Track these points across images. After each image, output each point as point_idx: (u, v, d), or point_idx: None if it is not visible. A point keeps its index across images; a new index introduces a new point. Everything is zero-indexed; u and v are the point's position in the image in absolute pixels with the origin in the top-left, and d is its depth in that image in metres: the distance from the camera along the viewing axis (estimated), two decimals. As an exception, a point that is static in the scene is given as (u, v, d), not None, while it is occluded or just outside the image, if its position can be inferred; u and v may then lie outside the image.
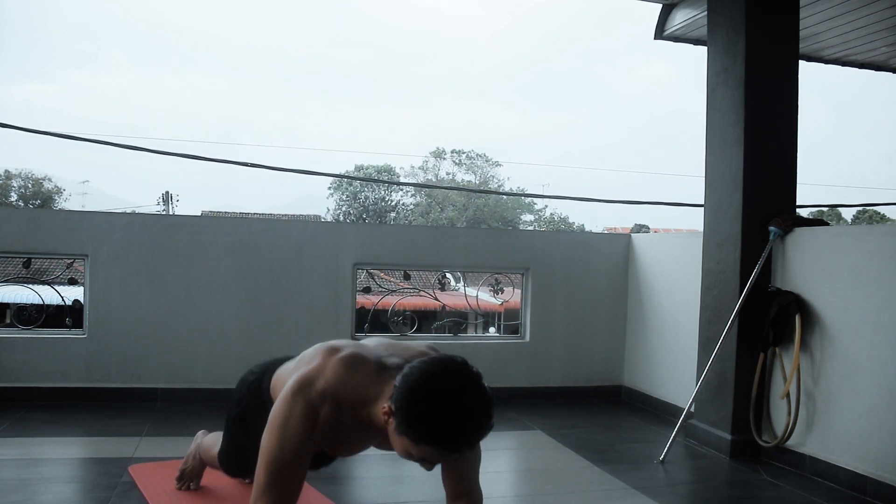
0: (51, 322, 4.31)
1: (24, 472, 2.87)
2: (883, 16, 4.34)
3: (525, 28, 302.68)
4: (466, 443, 1.50)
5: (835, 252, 3.17)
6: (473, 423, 1.48)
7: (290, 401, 1.59)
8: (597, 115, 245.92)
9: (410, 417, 1.47)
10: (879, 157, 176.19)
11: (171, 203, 27.31)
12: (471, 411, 1.48)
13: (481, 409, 1.49)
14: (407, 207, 35.36)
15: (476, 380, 1.51)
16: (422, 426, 1.46)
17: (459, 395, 1.47)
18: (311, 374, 1.62)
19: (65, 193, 34.38)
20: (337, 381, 1.60)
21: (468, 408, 1.47)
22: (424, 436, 1.46)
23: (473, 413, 1.48)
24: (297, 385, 1.61)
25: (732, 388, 3.49)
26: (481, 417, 1.50)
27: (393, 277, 8.07)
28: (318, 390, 1.59)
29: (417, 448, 1.49)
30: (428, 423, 1.45)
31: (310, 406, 1.58)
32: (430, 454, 1.50)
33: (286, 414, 1.58)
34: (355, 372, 1.62)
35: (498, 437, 3.84)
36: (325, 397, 1.59)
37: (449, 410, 1.45)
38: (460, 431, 1.47)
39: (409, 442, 1.50)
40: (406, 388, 1.49)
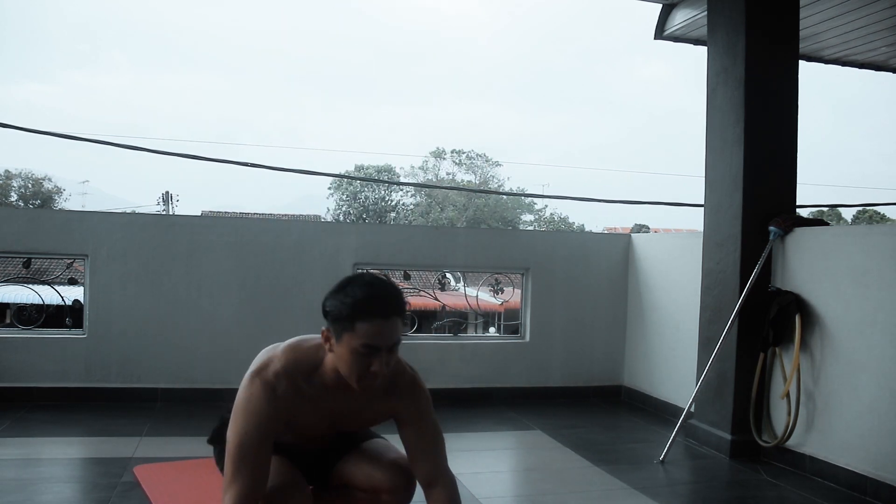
0: (51, 322, 4.31)
1: (24, 472, 2.87)
2: (883, 16, 4.34)
3: (525, 28, 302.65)
4: (386, 301, 1.65)
5: (835, 252, 3.17)
6: (385, 287, 1.68)
7: (248, 385, 1.71)
8: (597, 115, 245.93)
9: (335, 311, 1.65)
10: (879, 157, 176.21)
11: (171, 203, 27.31)
12: (379, 281, 1.69)
13: (388, 282, 1.72)
14: (407, 207, 35.36)
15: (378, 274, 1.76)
16: (345, 307, 1.63)
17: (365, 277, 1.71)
18: (264, 362, 1.75)
19: (65, 193, 34.39)
20: (287, 359, 1.74)
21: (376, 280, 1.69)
22: (352, 311, 1.62)
23: (381, 281, 1.69)
24: (252, 373, 1.73)
25: (732, 388, 3.49)
26: (391, 285, 1.70)
27: (393, 277, 8.07)
28: (273, 371, 1.72)
29: (355, 336, 1.62)
30: (349, 300, 1.63)
31: (267, 385, 1.70)
32: (369, 332, 1.61)
33: (246, 397, 1.70)
34: (300, 348, 1.77)
35: (498, 437, 3.86)
36: (279, 376, 1.71)
37: (361, 286, 1.66)
38: (377, 293, 1.65)
39: (347, 337, 1.63)
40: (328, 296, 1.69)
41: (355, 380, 1.67)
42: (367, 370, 1.65)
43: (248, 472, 1.66)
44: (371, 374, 1.65)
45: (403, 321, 1.69)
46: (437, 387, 4.71)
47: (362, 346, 1.63)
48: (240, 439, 1.67)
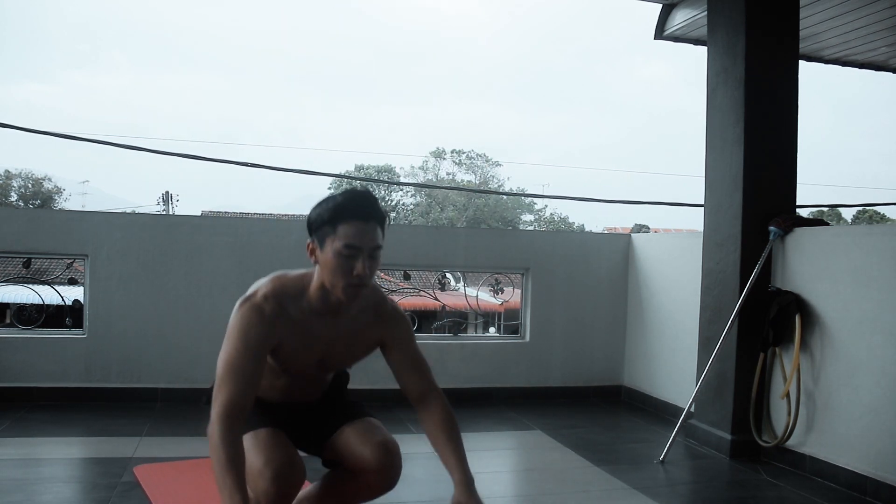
0: (51, 322, 4.31)
1: (24, 472, 2.87)
2: (883, 16, 4.34)
3: (525, 28, 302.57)
4: (365, 205, 1.73)
5: (835, 252, 3.17)
6: (364, 194, 1.77)
7: (236, 312, 1.78)
8: (597, 115, 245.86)
9: (318, 217, 1.74)
10: (879, 157, 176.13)
11: (171, 203, 27.31)
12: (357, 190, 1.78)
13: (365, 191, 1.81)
14: (407, 207, 35.35)
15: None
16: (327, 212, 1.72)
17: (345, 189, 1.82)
18: (251, 292, 1.82)
19: (65, 193, 34.37)
20: (274, 285, 1.80)
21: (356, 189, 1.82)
22: (334, 215, 1.70)
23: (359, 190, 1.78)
24: (240, 301, 1.80)
25: (732, 388, 3.49)
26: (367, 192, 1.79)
27: (393, 277, 8.07)
28: (260, 294, 1.78)
29: (338, 238, 1.69)
30: (331, 206, 1.72)
31: (255, 306, 1.76)
32: (350, 234, 1.69)
33: (235, 321, 1.76)
34: (286, 276, 1.84)
35: (498, 437, 3.86)
36: (267, 298, 1.77)
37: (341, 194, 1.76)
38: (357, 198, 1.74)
39: (330, 241, 1.71)
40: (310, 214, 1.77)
41: (340, 287, 1.72)
42: (350, 273, 1.71)
43: (235, 382, 1.70)
44: (355, 277, 1.71)
45: (382, 229, 1.76)
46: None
47: (345, 248, 1.69)
48: (228, 356, 1.72)
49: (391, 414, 3.97)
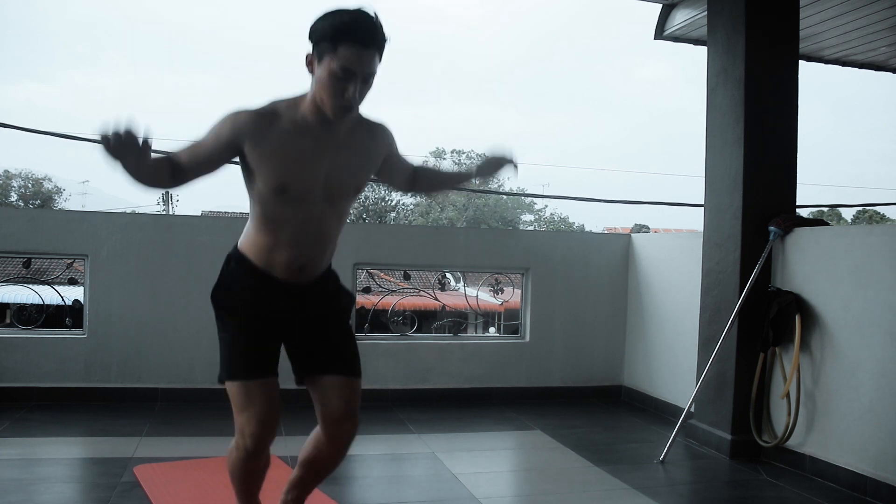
0: (51, 322, 4.31)
1: (24, 472, 2.87)
2: (883, 16, 4.34)
3: (525, 27, 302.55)
4: (369, 30, 1.73)
5: (835, 252, 3.17)
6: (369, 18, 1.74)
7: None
8: (597, 115, 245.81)
9: (318, 32, 1.73)
10: (879, 157, 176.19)
11: (171, 203, 27.30)
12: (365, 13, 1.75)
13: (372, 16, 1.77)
14: (407, 207, 35.34)
15: None
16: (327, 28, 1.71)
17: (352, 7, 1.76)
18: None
19: (65, 193, 34.35)
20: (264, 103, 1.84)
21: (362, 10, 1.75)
22: (336, 33, 1.70)
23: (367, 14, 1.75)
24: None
25: (732, 388, 3.49)
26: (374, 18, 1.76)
27: (393, 277, 8.07)
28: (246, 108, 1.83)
29: (335, 59, 1.70)
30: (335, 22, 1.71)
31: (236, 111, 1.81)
32: (348, 56, 1.70)
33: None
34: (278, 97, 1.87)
35: (498, 437, 3.86)
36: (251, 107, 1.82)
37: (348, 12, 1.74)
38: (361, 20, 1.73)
39: (328, 59, 1.72)
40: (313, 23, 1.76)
41: (330, 105, 1.76)
42: (342, 96, 1.74)
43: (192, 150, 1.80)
44: (346, 100, 1.75)
45: (381, 55, 1.78)
46: (437, 387, 4.73)
47: (341, 70, 1.71)
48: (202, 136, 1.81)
49: (391, 414, 3.97)
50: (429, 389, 4.40)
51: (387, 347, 4.39)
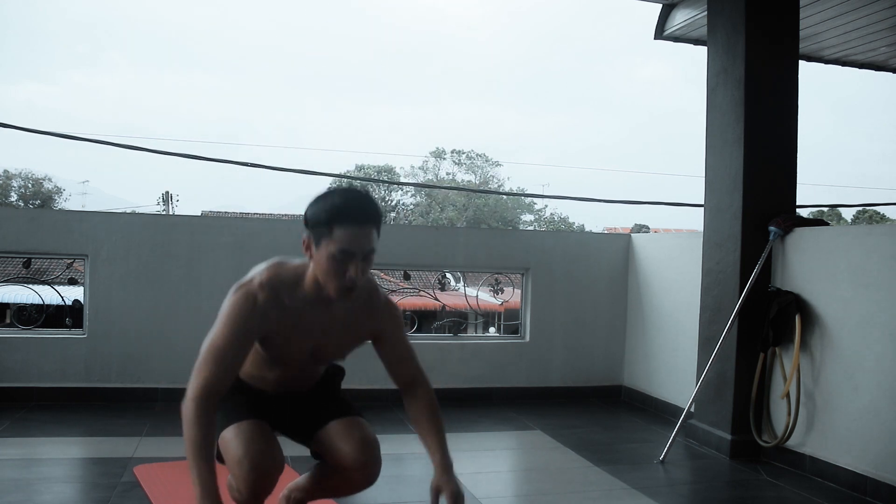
0: (51, 322, 4.32)
1: (24, 472, 2.87)
2: (883, 16, 4.34)
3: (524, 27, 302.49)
4: (362, 209, 1.72)
5: (835, 252, 3.17)
6: (361, 197, 1.76)
7: (231, 296, 1.80)
8: (597, 115, 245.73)
9: (314, 217, 1.73)
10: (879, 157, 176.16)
11: (171, 203, 27.30)
12: (355, 191, 1.78)
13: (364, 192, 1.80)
14: (407, 207, 35.35)
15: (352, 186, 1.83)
16: (323, 213, 1.71)
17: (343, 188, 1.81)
18: (248, 278, 1.85)
19: (65, 193, 34.37)
20: (270, 274, 1.83)
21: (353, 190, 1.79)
22: (330, 217, 1.70)
23: (358, 192, 1.78)
24: (236, 285, 1.83)
25: (732, 388, 3.49)
26: (367, 194, 1.79)
27: (393, 277, 8.07)
28: (256, 282, 1.81)
29: (333, 241, 1.69)
30: (326, 206, 1.71)
31: (249, 293, 1.79)
32: (345, 238, 1.69)
33: (228, 305, 1.79)
34: (283, 265, 1.87)
35: (498, 437, 3.85)
36: (262, 286, 1.80)
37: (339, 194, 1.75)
38: (355, 201, 1.73)
39: (325, 244, 1.71)
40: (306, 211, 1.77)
41: (333, 287, 1.75)
42: (343, 276, 1.72)
43: (216, 366, 1.75)
44: (347, 279, 1.73)
45: (378, 231, 1.77)
46: (436, 387, 4.67)
47: (339, 252, 1.70)
48: (214, 339, 1.77)
49: (391, 414, 3.98)
50: (429, 389, 4.39)
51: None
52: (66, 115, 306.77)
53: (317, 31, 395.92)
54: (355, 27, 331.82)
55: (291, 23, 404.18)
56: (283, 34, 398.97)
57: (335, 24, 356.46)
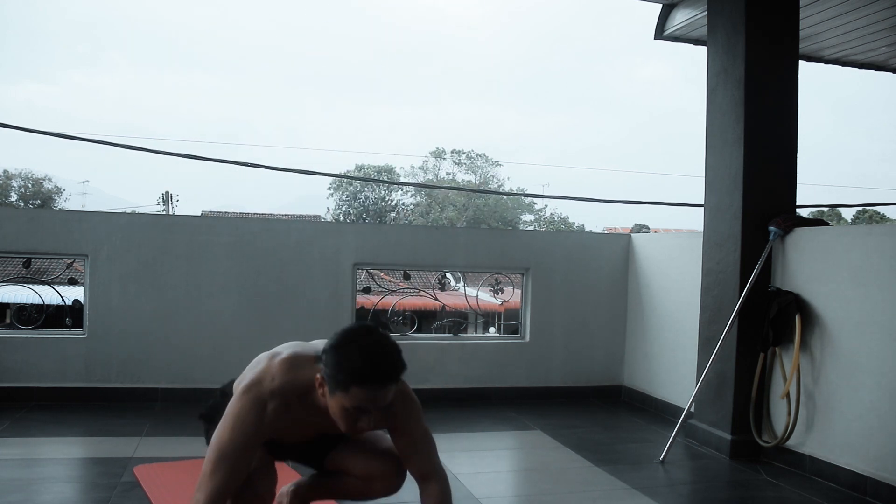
0: (51, 322, 4.31)
1: (24, 472, 2.87)
2: (883, 16, 4.34)
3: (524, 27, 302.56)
4: (385, 371, 1.66)
5: (835, 252, 3.17)
6: (385, 354, 1.68)
7: (241, 397, 1.77)
8: (597, 115, 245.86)
9: (333, 369, 1.66)
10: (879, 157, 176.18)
11: (171, 203, 27.29)
12: (380, 346, 1.69)
13: (390, 346, 1.70)
14: (407, 207, 35.35)
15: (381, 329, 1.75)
16: (343, 370, 1.64)
17: (367, 338, 1.70)
18: (259, 376, 1.79)
19: (65, 193, 34.35)
20: (283, 379, 1.77)
21: (377, 343, 1.69)
22: (348, 377, 1.64)
23: (383, 347, 1.69)
24: (247, 385, 1.78)
25: (732, 388, 3.49)
26: (392, 351, 1.70)
27: (393, 277, 8.06)
28: (267, 388, 1.77)
29: (349, 397, 1.65)
30: (346, 364, 1.64)
31: (259, 400, 1.75)
32: (361, 397, 1.65)
33: (237, 408, 1.76)
34: (298, 369, 1.79)
35: (498, 437, 3.86)
36: (273, 394, 1.76)
37: (361, 348, 1.67)
38: (376, 361, 1.66)
39: (340, 395, 1.66)
40: (327, 348, 1.70)
41: (343, 428, 1.73)
42: (354, 426, 1.71)
43: (224, 474, 1.73)
44: (358, 428, 1.72)
45: (397, 384, 1.71)
46: (436, 387, 4.73)
47: (353, 408, 1.67)
48: (222, 444, 1.74)
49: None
50: (429, 389, 4.39)
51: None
52: (66, 115, 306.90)
53: (317, 31, 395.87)
54: (355, 27, 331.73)
55: (291, 23, 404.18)
56: (283, 34, 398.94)
57: (335, 24, 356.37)
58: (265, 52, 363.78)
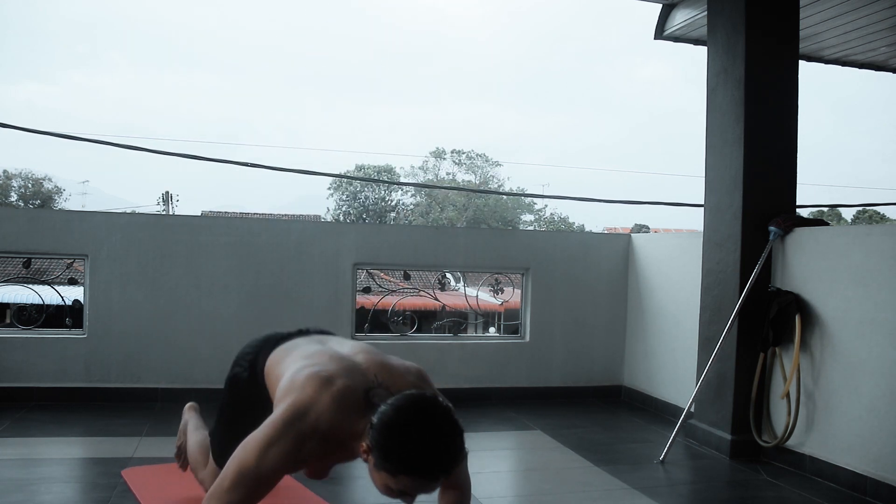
0: (51, 322, 4.31)
1: (24, 472, 2.87)
2: (883, 16, 4.34)
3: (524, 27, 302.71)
4: (441, 469, 1.53)
5: (835, 252, 3.17)
6: (446, 449, 1.54)
7: (280, 427, 1.63)
8: (597, 115, 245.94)
9: (386, 450, 1.52)
10: (879, 157, 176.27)
11: (171, 203, 27.30)
12: (442, 439, 1.53)
13: (453, 436, 1.55)
14: (407, 207, 35.36)
15: (446, 411, 1.58)
16: (397, 457, 1.51)
17: (430, 424, 1.54)
18: (305, 406, 1.64)
19: (65, 193, 34.35)
20: (331, 418, 1.64)
21: (439, 435, 1.53)
22: (400, 467, 1.51)
23: (445, 440, 1.54)
24: (290, 414, 1.64)
25: (732, 388, 3.49)
26: (453, 444, 1.55)
27: (393, 277, 8.06)
28: (310, 425, 1.63)
29: (395, 481, 1.53)
30: (402, 453, 1.51)
31: (299, 438, 1.62)
32: (408, 485, 1.54)
33: (274, 438, 1.62)
34: (345, 410, 1.65)
35: (498, 437, 3.85)
36: (315, 432, 1.63)
37: (421, 439, 1.51)
38: (434, 458, 1.52)
39: (387, 476, 1.54)
40: (380, 424, 1.54)
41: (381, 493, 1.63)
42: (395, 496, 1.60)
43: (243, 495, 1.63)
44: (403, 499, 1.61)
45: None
46: (437, 387, 4.70)
47: (398, 492, 1.57)
48: (248, 468, 1.62)
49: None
50: (429, 389, 4.39)
51: (386, 347, 4.38)
52: (66, 115, 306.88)
53: (317, 31, 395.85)
54: (355, 27, 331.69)
55: (291, 23, 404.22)
56: (283, 34, 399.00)
57: (335, 24, 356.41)
58: (265, 52, 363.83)
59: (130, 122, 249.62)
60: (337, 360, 1.77)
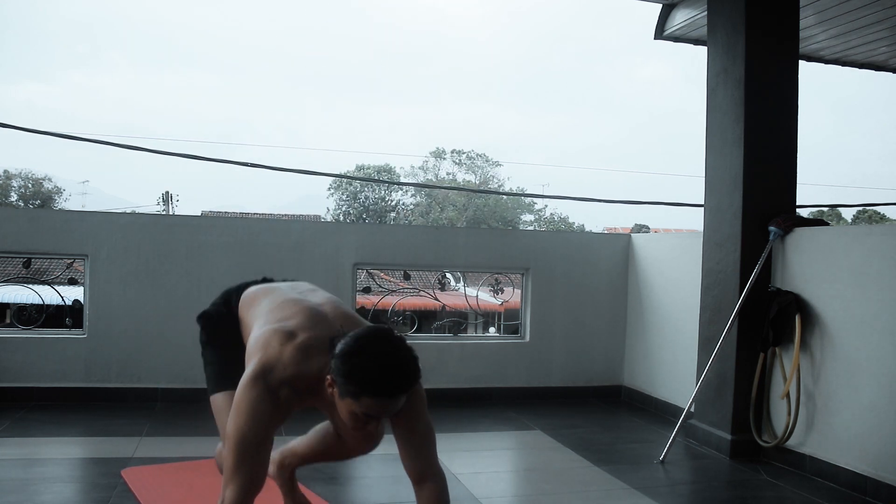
0: (51, 322, 4.31)
1: (24, 472, 2.87)
2: (883, 16, 4.34)
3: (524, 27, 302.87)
4: (397, 386, 1.63)
5: (835, 252, 3.17)
6: (403, 366, 1.64)
7: (252, 385, 1.72)
8: (597, 115, 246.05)
9: (346, 374, 1.62)
10: (879, 158, 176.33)
11: (171, 203, 27.29)
12: (399, 357, 1.65)
13: (408, 358, 1.66)
14: (407, 207, 35.37)
15: (398, 337, 1.70)
16: (357, 378, 1.61)
17: (386, 345, 1.66)
18: (271, 362, 1.75)
19: (65, 193, 34.35)
20: (295, 369, 1.74)
21: (396, 354, 1.65)
22: (361, 386, 1.61)
23: (401, 358, 1.65)
24: (257, 372, 1.74)
25: (732, 388, 3.49)
26: (410, 363, 1.66)
27: (393, 277, 8.07)
28: (277, 378, 1.73)
29: (359, 404, 1.63)
30: (362, 374, 1.61)
31: (270, 391, 1.72)
32: (371, 406, 1.63)
33: (248, 399, 1.72)
34: (310, 358, 1.76)
35: (498, 437, 3.86)
36: (283, 382, 1.73)
37: (378, 357, 1.63)
38: (391, 375, 1.62)
39: (350, 401, 1.64)
40: (341, 353, 1.66)
41: (349, 426, 1.72)
42: (362, 428, 1.70)
43: (248, 469, 1.70)
44: (367, 430, 1.72)
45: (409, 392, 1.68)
46: (436, 387, 4.71)
47: (363, 414, 1.65)
48: (241, 439, 1.70)
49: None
50: (428, 389, 4.36)
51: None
52: (66, 115, 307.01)
53: (317, 31, 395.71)
54: (355, 27, 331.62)
55: (291, 23, 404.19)
56: (283, 34, 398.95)
57: (335, 25, 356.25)
58: (265, 52, 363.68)
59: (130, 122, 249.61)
60: (304, 312, 1.88)
